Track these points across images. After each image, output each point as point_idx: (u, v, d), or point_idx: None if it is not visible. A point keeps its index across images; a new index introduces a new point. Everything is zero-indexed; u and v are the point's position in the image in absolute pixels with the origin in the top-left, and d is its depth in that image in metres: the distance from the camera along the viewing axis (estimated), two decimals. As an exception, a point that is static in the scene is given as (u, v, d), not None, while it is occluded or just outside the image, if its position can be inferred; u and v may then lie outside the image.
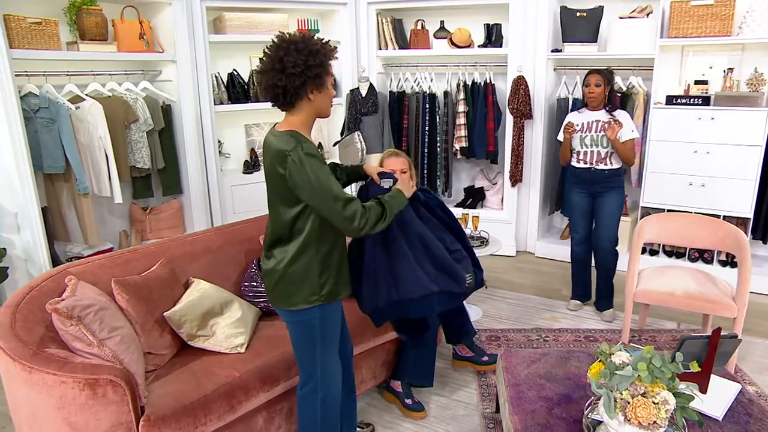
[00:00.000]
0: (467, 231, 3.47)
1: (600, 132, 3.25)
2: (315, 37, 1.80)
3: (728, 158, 3.69)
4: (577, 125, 3.32)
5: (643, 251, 4.22)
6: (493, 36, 4.38)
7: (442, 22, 4.59)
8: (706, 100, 3.70)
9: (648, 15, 3.90)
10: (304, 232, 1.83)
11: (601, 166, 3.29)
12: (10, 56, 2.89)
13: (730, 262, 3.96)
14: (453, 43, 4.47)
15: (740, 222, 3.90)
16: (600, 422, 1.88)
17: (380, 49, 4.67)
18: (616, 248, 3.43)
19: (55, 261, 3.24)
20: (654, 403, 1.74)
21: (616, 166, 3.29)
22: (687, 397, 1.80)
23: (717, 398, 2.06)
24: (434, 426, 2.50)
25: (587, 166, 3.32)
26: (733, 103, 3.63)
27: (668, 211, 3.85)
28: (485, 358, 2.87)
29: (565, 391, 2.15)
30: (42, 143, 3.16)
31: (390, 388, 2.66)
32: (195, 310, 2.29)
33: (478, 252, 3.29)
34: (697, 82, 3.84)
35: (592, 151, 3.29)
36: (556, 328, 3.37)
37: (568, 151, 3.37)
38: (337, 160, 4.56)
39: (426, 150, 4.69)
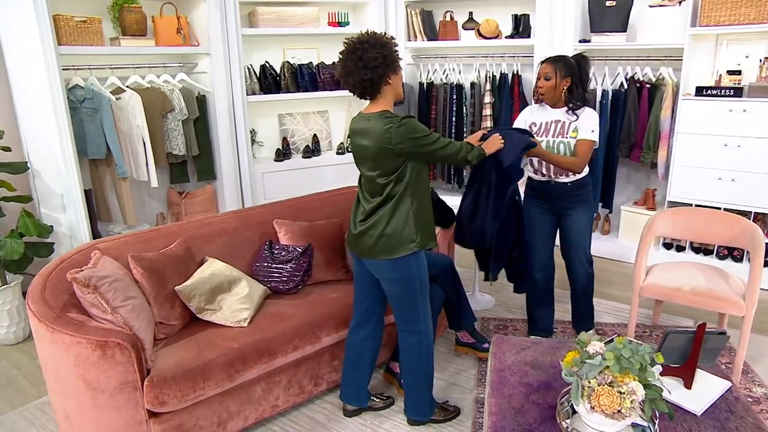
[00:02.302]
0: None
1: (557, 137, 2.70)
2: (379, 33, 2.15)
3: (761, 152, 3.53)
4: (534, 125, 2.78)
5: (669, 247, 4.12)
6: (521, 27, 4.36)
7: (470, 14, 4.60)
8: (738, 92, 3.56)
9: (680, 3, 3.77)
10: (398, 194, 2.17)
11: (563, 179, 2.78)
12: (58, 52, 3.18)
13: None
14: (480, 34, 4.48)
15: (775, 219, 3.74)
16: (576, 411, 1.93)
17: (409, 40, 4.74)
18: (592, 269, 2.97)
19: (98, 238, 3.56)
20: (620, 392, 1.78)
21: (575, 177, 2.76)
22: (657, 389, 1.82)
23: (701, 394, 2.05)
24: (427, 406, 2.61)
25: (545, 178, 2.82)
26: (767, 94, 3.47)
27: (696, 206, 3.74)
28: (486, 345, 2.93)
29: (547, 379, 2.19)
30: (86, 131, 3.47)
31: (389, 369, 2.78)
32: (204, 286, 2.50)
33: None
34: (729, 72, 3.69)
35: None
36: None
37: (554, 157, 2.75)
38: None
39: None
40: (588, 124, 2.68)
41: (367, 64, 2.04)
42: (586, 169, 2.81)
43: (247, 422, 2.39)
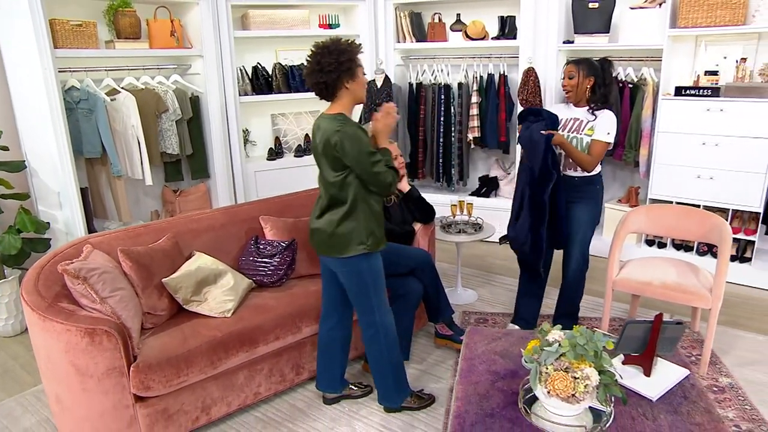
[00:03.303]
0: (462, 218, 3.64)
1: (572, 132, 2.91)
2: (342, 39, 2.23)
3: (737, 151, 3.62)
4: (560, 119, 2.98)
5: (651, 243, 4.21)
6: (507, 28, 4.46)
7: (458, 15, 4.71)
8: (715, 91, 3.65)
9: (660, 5, 3.86)
10: (349, 197, 2.28)
11: (571, 172, 2.95)
12: (54, 55, 3.30)
13: (740, 256, 3.90)
14: (467, 36, 4.59)
15: (752, 217, 3.83)
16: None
17: (398, 42, 4.85)
18: (586, 267, 3.07)
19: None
20: (574, 377, 1.88)
21: (585, 173, 2.91)
22: (610, 375, 1.92)
23: (659, 381, 2.15)
24: (404, 395, 2.72)
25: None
26: (743, 94, 3.56)
27: (677, 203, 3.83)
28: (462, 338, 3.04)
29: (514, 368, 2.29)
30: (82, 131, 3.59)
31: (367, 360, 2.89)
32: (191, 279, 2.62)
33: (472, 237, 3.49)
34: (707, 73, 3.78)
35: (561, 153, 2.93)
36: (545, 314, 3.47)
37: (574, 150, 2.91)
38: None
39: (441, 140, 4.84)
40: (604, 126, 2.85)
41: (323, 68, 2.17)
42: (598, 168, 2.97)
43: (230, 408, 2.51)
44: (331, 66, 2.16)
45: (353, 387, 2.70)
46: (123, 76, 3.86)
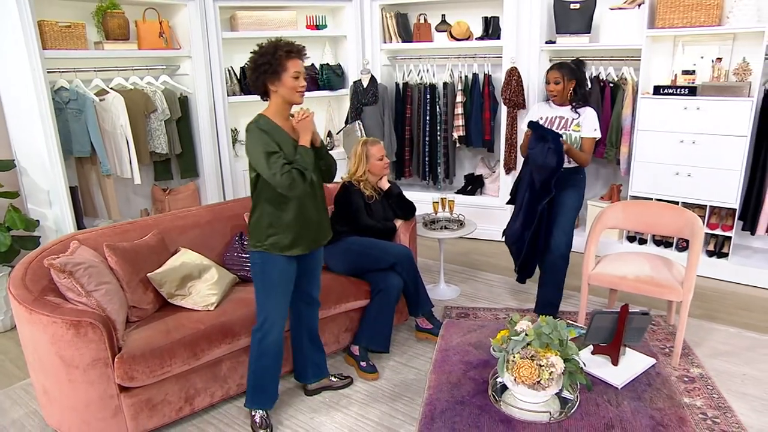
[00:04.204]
0: (444, 214, 3.72)
1: (562, 129, 3.17)
2: (272, 41, 2.19)
3: (714, 148, 3.71)
4: (541, 118, 3.24)
5: (632, 240, 4.30)
6: (491, 29, 4.54)
7: (443, 16, 4.78)
8: (692, 90, 3.73)
9: (639, 6, 3.95)
10: (257, 195, 2.30)
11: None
12: (43, 56, 3.36)
13: (717, 252, 3.98)
14: (452, 36, 4.66)
15: (729, 213, 3.92)
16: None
17: (384, 42, 4.93)
18: (568, 253, 3.24)
19: (83, 232, 3.75)
20: (539, 365, 1.96)
21: (574, 164, 3.19)
22: (575, 363, 2.00)
23: (625, 370, 2.22)
24: (384, 387, 2.79)
25: None
26: (718, 93, 3.65)
27: (656, 200, 3.92)
28: (442, 331, 3.12)
29: (487, 358, 2.37)
30: (72, 131, 3.66)
31: (350, 352, 2.97)
32: (175, 273, 2.69)
33: (454, 233, 3.58)
34: (684, 72, 3.86)
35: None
36: (525, 308, 3.56)
37: (526, 147, 3.25)
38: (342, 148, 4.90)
39: (427, 139, 4.92)
40: (590, 123, 3.16)
41: (246, 69, 2.25)
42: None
43: (213, 399, 2.58)
44: (249, 69, 2.20)
45: (333, 378, 2.77)
46: (112, 76, 3.93)
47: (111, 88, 3.84)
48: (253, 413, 2.49)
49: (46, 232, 3.61)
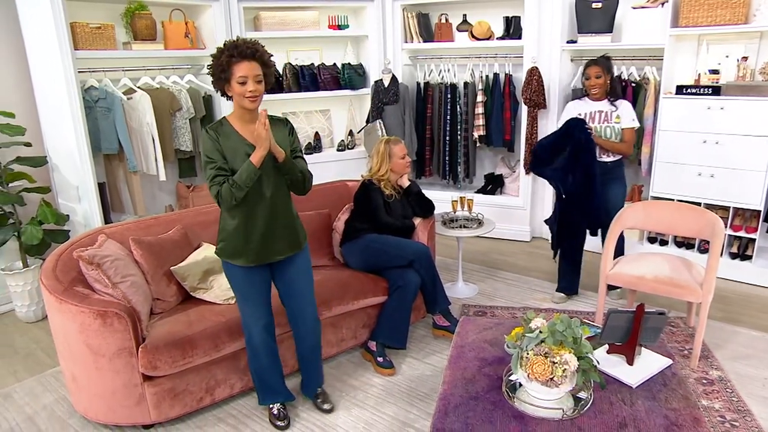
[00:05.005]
0: (462, 213, 3.74)
1: (603, 123, 3.34)
2: (225, 42, 2.14)
3: (738, 149, 3.65)
4: (580, 115, 3.37)
5: (653, 241, 4.25)
6: (512, 28, 4.54)
7: (464, 16, 4.79)
8: (716, 90, 3.68)
9: (662, 5, 3.90)
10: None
11: (604, 158, 3.38)
12: (75, 57, 3.49)
13: (741, 254, 3.92)
14: (473, 36, 4.67)
15: (753, 215, 3.85)
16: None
17: (406, 42, 4.96)
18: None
19: (111, 227, 3.88)
20: (553, 362, 1.97)
21: (616, 157, 3.40)
22: (588, 361, 2.01)
23: (641, 369, 2.22)
24: (400, 382, 2.83)
25: None
26: (743, 93, 3.59)
27: (678, 201, 3.87)
28: (459, 328, 3.14)
29: (501, 355, 2.39)
30: (100, 128, 3.78)
31: (367, 348, 3.01)
32: (198, 267, 2.77)
33: (473, 232, 3.60)
34: (711, 72, 3.81)
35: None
36: (543, 308, 3.55)
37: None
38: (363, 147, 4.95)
39: (447, 138, 4.94)
40: (629, 114, 3.36)
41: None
42: None
43: (233, 390, 2.65)
44: (208, 73, 2.18)
45: (318, 400, 2.64)
46: (139, 76, 4.04)
47: (138, 87, 3.95)
48: (270, 406, 2.55)
49: (76, 226, 3.74)
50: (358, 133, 4.94)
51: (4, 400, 2.78)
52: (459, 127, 4.86)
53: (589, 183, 3.29)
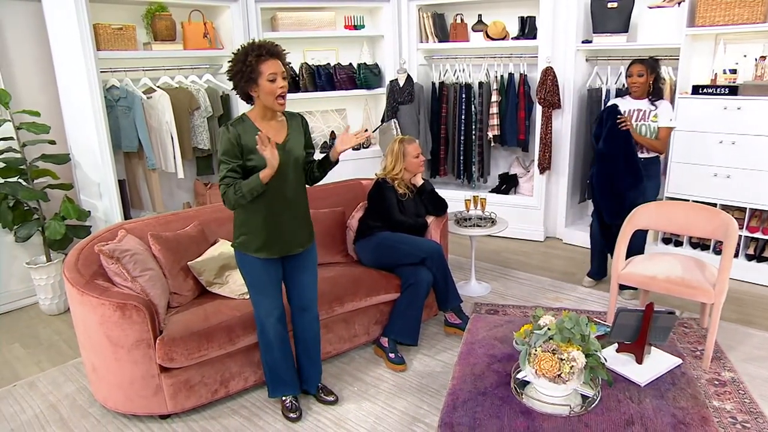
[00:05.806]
0: (475, 212, 3.76)
1: (640, 121, 3.40)
2: (244, 45, 2.18)
3: (755, 149, 3.62)
4: (622, 112, 3.41)
5: (668, 242, 4.23)
6: (527, 28, 4.54)
7: (479, 16, 4.81)
8: (733, 90, 3.65)
9: (678, 4, 3.88)
10: None
11: (639, 155, 3.43)
12: (97, 57, 3.59)
13: (757, 256, 3.88)
14: (488, 36, 4.68)
15: (771, 216, 3.81)
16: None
17: (421, 42, 4.99)
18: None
19: (130, 223, 3.98)
20: (560, 359, 1.99)
21: (653, 154, 3.46)
22: (596, 358, 2.03)
23: (650, 368, 2.22)
24: (411, 378, 2.86)
25: None
26: (760, 93, 3.56)
27: (694, 202, 3.84)
28: (469, 325, 3.16)
29: (511, 352, 2.41)
30: (121, 127, 3.88)
31: (379, 344, 3.05)
32: (214, 263, 2.84)
33: (485, 231, 3.62)
34: (730, 71, 3.77)
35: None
36: (555, 307, 3.56)
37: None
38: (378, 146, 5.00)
39: (462, 137, 4.96)
40: (667, 114, 3.41)
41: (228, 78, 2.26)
42: None
43: (247, 383, 2.71)
44: (228, 77, 2.23)
45: (322, 394, 2.69)
46: (159, 75, 4.14)
47: (158, 87, 4.04)
48: (283, 398, 2.60)
49: (97, 222, 3.84)
50: (374, 132, 4.98)
51: (29, 389, 2.88)
52: (473, 126, 4.88)
53: (612, 164, 3.39)
